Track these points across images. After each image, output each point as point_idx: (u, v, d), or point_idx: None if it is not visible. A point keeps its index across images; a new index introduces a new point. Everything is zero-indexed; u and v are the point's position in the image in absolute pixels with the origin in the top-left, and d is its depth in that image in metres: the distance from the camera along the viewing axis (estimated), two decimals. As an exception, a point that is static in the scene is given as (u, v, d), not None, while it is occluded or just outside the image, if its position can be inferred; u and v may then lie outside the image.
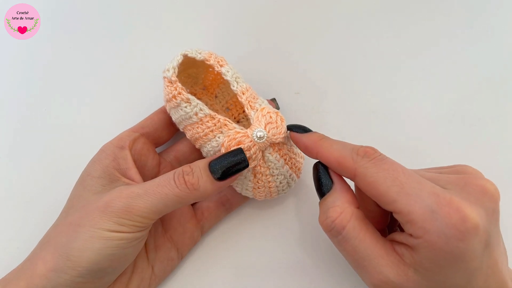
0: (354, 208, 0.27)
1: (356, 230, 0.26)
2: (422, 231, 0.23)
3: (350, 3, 0.46)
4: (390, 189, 0.24)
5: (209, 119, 0.32)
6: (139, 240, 0.29)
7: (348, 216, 0.26)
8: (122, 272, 0.31)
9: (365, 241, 0.26)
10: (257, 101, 0.33)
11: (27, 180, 0.39)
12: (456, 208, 0.23)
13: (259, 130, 0.30)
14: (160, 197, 0.28)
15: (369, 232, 0.26)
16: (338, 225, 0.26)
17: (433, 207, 0.23)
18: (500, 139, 0.40)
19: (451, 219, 0.22)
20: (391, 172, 0.25)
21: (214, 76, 0.38)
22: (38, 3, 0.45)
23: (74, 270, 0.27)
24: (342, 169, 0.27)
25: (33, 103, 0.42)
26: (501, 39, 0.44)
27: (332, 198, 0.27)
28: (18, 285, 0.27)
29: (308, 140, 0.30)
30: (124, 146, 0.33)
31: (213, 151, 0.33)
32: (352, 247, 0.26)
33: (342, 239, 0.26)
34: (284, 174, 0.33)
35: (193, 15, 0.45)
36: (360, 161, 0.26)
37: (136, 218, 0.27)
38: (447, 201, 0.23)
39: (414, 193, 0.24)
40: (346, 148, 0.28)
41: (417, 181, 0.24)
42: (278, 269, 0.35)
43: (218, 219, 0.36)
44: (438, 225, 0.23)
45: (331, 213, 0.26)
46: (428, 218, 0.23)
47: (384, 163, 0.26)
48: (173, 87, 0.32)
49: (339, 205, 0.27)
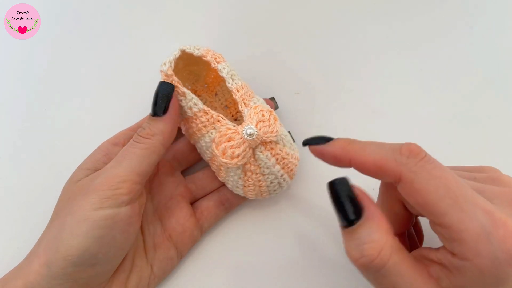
0: (392, 239, 0.23)
1: (397, 266, 0.22)
2: (473, 254, 0.21)
3: (350, 3, 0.46)
4: (442, 201, 0.22)
5: (203, 114, 0.32)
6: (126, 221, 0.28)
7: (389, 252, 0.22)
8: (120, 270, 0.31)
9: (405, 275, 0.22)
10: (252, 99, 0.33)
11: (27, 180, 0.39)
12: (511, 232, 0.21)
13: (249, 127, 0.30)
14: (130, 158, 0.29)
15: (408, 265, 0.23)
16: (378, 264, 0.22)
17: (488, 229, 0.21)
18: (500, 139, 0.40)
19: (506, 244, 0.21)
20: (443, 181, 0.22)
21: (216, 74, 0.38)
22: (38, 3, 0.45)
23: (65, 261, 0.26)
24: (383, 173, 0.24)
25: (33, 103, 0.42)
26: (501, 39, 0.44)
27: (366, 230, 0.23)
28: (16, 284, 0.27)
29: (336, 149, 0.26)
30: (118, 143, 0.33)
31: (206, 147, 0.33)
32: (391, 283, 0.23)
33: (380, 276, 0.23)
34: (275, 174, 0.33)
35: (193, 15, 0.46)
36: (406, 163, 0.23)
37: (117, 185, 0.28)
38: (502, 223, 0.21)
39: (468, 209, 0.21)
40: (385, 149, 0.24)
41: (470, 195, 0.22)
42: (278, 269, 0.35)
43: (218, 218, 0.36)
44: (492, 249, 0.21)
45: (368, 251, 0.22)
46: (483, 240, 0.21)
47: (434, 168, 0.22)
48: (169, 80, 0.32)
49: (377, 240, 0.22)
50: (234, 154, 0.30)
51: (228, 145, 0.30)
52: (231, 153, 0.30)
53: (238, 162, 0.31)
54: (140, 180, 0.29)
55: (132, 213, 0.29)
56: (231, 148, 0.30)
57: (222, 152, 0.30)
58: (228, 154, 0.30)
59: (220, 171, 0.34)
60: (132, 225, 0.29)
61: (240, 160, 0.30)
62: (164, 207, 0.35)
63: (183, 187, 0.36)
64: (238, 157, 0.30)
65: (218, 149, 0.31)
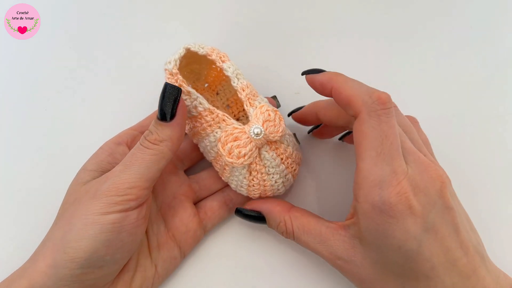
0: (289, 212, 0.32)
1: (302, 226, 0.30)
2: (363, 197, 0.25)
3: (351, 3, 0.46)
4: (369, 149, 0.26)
5: (208, 113, 0.32)
6: (133, 224, 0.29)
7: (290, 221, 0.31)
8: (125, 270, 0.31)
9: (312, 231, 0.30)
10: (256, 98, 0.33)
11: (27, 180, 0.39)
12: (399, 192, 0.24)
13: (256, 126, 0.30)
14: (139, 163, 0.29)
15: (313, 223, 0.30)
16: (290, 233, 0.31)
17: (385, 181, 0.25)
18: (500, 139, 0.40)
19: (390, 198, 0.24)
20: (382, 135, 0.25)
21: (217, 73, 0.38)
22: (38, 3, 0.45)
23: (73, 263, 0.26)
24: (349, 107, 0.27)
25: (33, 103, 0.42)
26: (501, 39, 0.44)
27: (271, 220, 0.32)
28: (20, 283, 0.27)
29: (324, 78, 0.29)
30: (121, 142, 0.33)
31: (210, 146, 0.33)
32: (305, 242, 0.30)
33: (297, 239, 0.31)
34: (280, 174, 0.33)
35: (194, 15, 0.46)
36: (369, 106, 0.26)
37: (125, 191, 0.28)
38: (398, 181, 0.25)
39: (381, 163, 0.25)
40: (361, 89, 0.27)
41: (394, 153, 0.25)
42: (280, 270, 0.35)
43: (221, 218, 0.36)
44: (377, 198, 0.25)
45: (281, 229, 0.32)
46: (374, 188, 0.25)
47: (385, 123, 0.26)
48: (174, 79, 0.32)
49: (280, 220, 0.32)
50: (241, 153, 0.30)
51: (234, 144, 0.30)
52: (237, 153, 0.30)
53: (244, 161, 0.31)
54: (148, 185, 0.29)
55: (139, 216, 0.29)
56: (237, 148, 0.30)
57: (228, 151, 0.30)
58: (234, 154, 0.30)
59: (224, 170, 0.34)
60: (139, 227, 0.30)
61: (246, 160, 0.30)
62: (168, 206, 0.35)
63: (186, 186, 0.36)
64: (245, 156, 0.30)
65: (224, 149, 0.30)
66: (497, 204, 0.37)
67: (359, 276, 0.28)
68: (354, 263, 0.27)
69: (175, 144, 0.30)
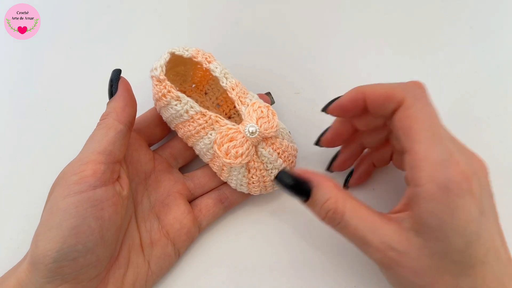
0: (342, 191, 0.27)
1: (355, 210, 0.27)
2: (426, 179, 0.24)
3: (351, 3, 0.46)
4: (423, 130, 0.25)
5: (200, 116, 0.31)
6: (98, 207, 0.27)
7: (343, 201, 0.27)
8: (116, 267, 0.31)
9: (364, 217, 0.26)
10: (247, 96, 0.33)
11: (27, 180, 0.39)
12: (462, 170, 0.24)
13: (251, 125, 0.30)
14: (90, 140, 0.30)
15: (366, 209, 0.27)
16: (339, 214, 0.27)
17: (445, 161, 0.24)
18: (501, 139, 0.40)
19: (456, 176, 0.24)
20: (432, 116, 0.26)
21: (203, 73, 0.38)
22: (38, 3, 0.45)
23: (45, 257, 0.26)
24: (390, 100, 0.27)
25: (33, 103, 0.42)
26: (501, 39, 0.44)
27: (320, 193, 0.27)
28: (10, 282, 0.28)
29: (351, 94, 0.30)
30: None
31: (206, 149, 0.33)
32: (354, 227, 0.26)
33: (345, 224, 0.27)
34: (278, 168, 0.32)
35: (194, 15, 0.46)
36: (411, 90, 0.27)
37: (80, 167, 0.28)
38: (457, 161, 0.24)
39: (437, 145, 0.25)
40: (392, 83, 0.28)
41: (444, 136, 0.26)
42: (277, 268, 0.35)
43: (216, 216, 0.36)
44: (443, 177, 0.24)
45: (328, 207, 0.27)
46: (438, 168, 0.24)
47: (429, 105, 0.26)
48: (162, 85, 0.32)
49: (330, 196, 0.27)
50: (238, 153, 0.30)
51: (230, 145, 0.30)
52: (234, 153, 0.30)
53: (242, 161, 0.30)
54: (103, 159, 0.28)
55: (103, 198, 0.28)
56: (234, 148, 0.30)
57: (225, 152, 0.30)
58: (231, 154, 0.30)
59: (222, 171, 0.34)
60: (106, 210, 0.28)
61: (244, 159, 0.30)
62: (161, 204, 0.35)
63: (180, 184, 0.36)
64: (242, 156, 0.30)
65: (221, 150, 0.30)
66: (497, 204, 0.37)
67: (414, 269, 0.25)
68: (409, 255, 0.25)
69: (119, 113, 0.31)
